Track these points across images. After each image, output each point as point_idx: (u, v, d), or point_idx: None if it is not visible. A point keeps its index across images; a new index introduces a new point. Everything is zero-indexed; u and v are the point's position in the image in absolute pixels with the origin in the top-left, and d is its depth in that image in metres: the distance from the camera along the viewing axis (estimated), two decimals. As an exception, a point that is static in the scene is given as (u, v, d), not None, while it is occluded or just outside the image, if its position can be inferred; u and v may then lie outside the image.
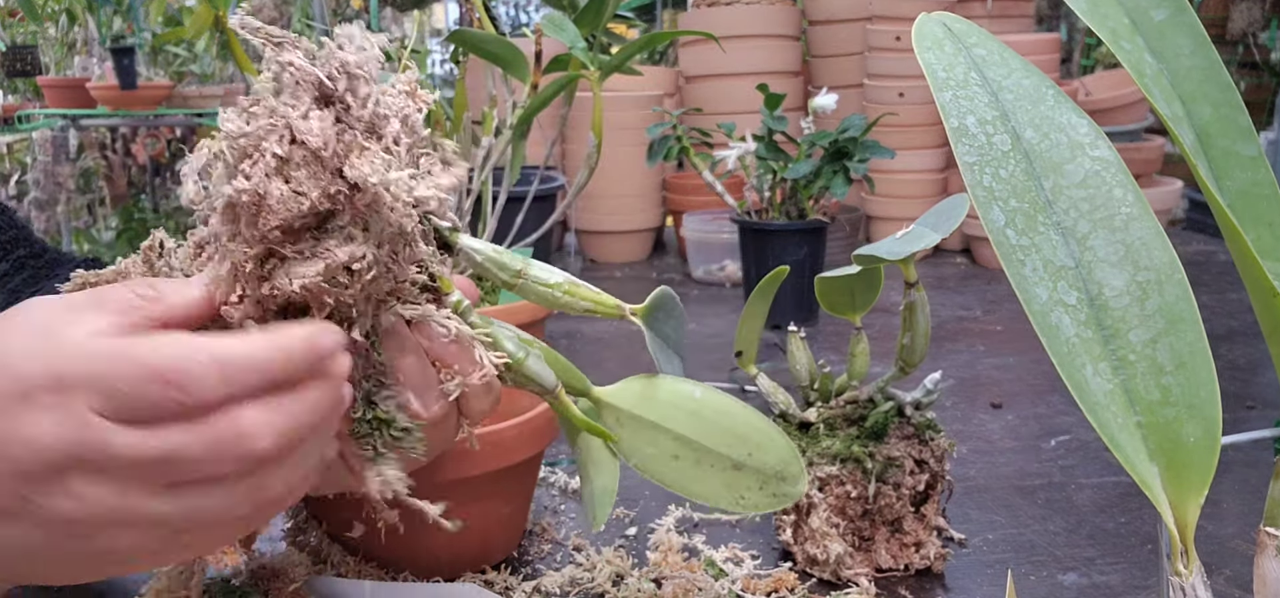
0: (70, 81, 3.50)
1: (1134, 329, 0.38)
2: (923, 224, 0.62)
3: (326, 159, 0.39)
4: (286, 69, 0.39)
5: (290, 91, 0.39)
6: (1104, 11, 0.42)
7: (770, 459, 0.55)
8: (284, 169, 0.38)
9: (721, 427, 0.55)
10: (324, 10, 3.43)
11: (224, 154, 0.40)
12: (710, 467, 0.55)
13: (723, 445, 0.55)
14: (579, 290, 0.53)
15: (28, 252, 0.63)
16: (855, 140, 1.23)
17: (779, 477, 0.55)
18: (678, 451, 0.55)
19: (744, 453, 0.55)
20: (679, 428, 0.55)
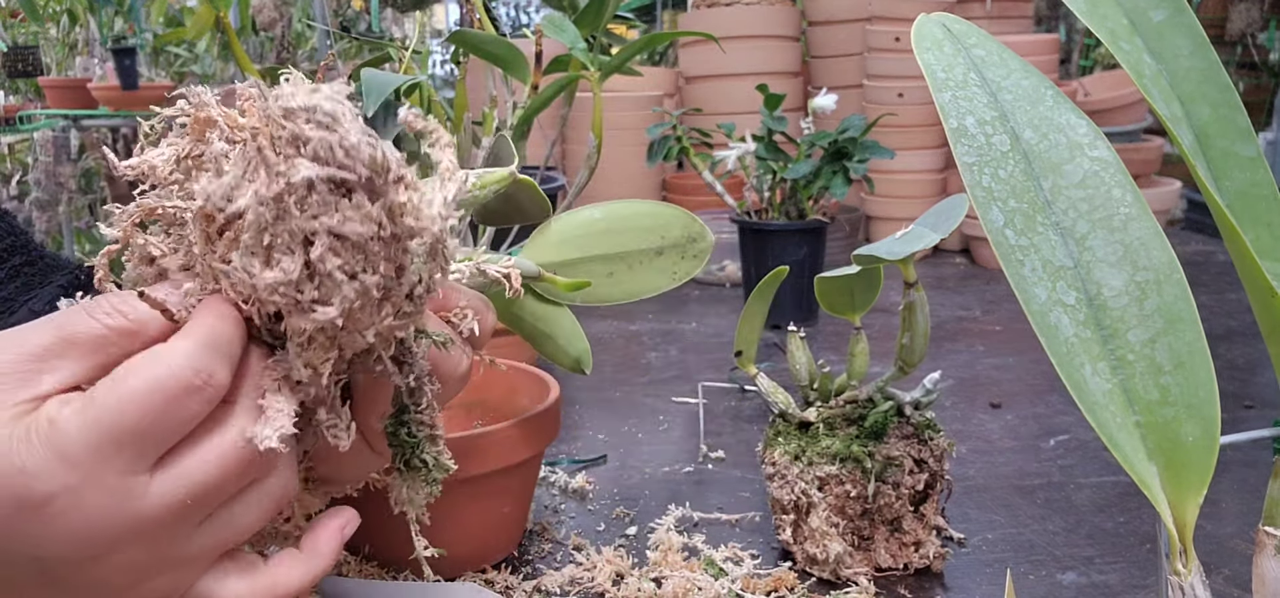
0: (72, 82, 3.50)
1: (1133, 329, 0.38)
2: (922, 224, 0.62)
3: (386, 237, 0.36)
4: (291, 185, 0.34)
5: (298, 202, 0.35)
6: (1103, 12, 0.42)
7: (678, 232, 0.63)
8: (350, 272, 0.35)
9: (631, 228, 0.62)
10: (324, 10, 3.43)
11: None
12: (640, 265, 0.62)
13: (640, 242, 0.62)
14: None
15: (24, 258, 0.63)
16: (855, 141, 1.24)
17: (691, 240, 0.63)
18: (610, 268, 0.61)
19: (658, 239, 0.62)
20: (600, 249, 0.62)
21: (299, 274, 0.34)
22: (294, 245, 0.34)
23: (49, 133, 3.60)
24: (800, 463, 0.66)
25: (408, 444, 0.45)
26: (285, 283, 0.34)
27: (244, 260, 0.35)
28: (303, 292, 0.35)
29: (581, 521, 0.76)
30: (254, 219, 0.34)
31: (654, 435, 0.94)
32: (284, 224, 0.34)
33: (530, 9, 5.84)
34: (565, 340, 0.63)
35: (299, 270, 0.34)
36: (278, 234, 0.34)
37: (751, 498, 0.79)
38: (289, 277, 0.34)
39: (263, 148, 0.34)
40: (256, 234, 0.34)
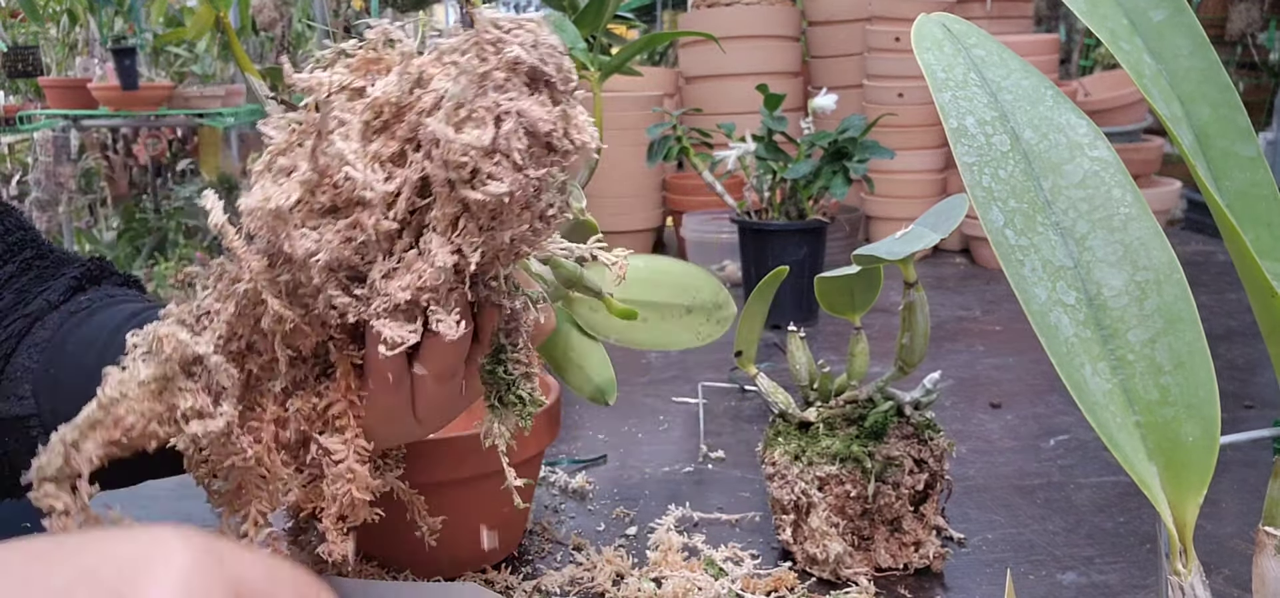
0: (72, 82, 3.50)
1: (1133, 329, 0.38)
2: (922, 224, 0.62)
3: (556, 134, 0.40)
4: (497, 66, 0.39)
5: (496, 85, 0.39)
6: (1103, 12, 0.42)
7: (707, 296, 0.69)
8: (521, 164, 0.39)
9: (667, 283, 0.68)
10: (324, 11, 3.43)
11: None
12: (670, 318, 0.68)
13: (674, 297, 0.68)
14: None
15: (34, 252, 0.64)
16: (855, 141, 1.24)
17: (718, 306, 0.70)
18: (643, 315, 0.65)
19: (690, 298, 0.69)
20: (639, 295, 0.65)
21: (490, 142, 0.38)
22: (486, 121, 0.38)
23: (49, 133, 3.61)
24: (800, 463, 0.66)
25: (504, 381, 0.49)
26: (476, 147, 0.38)
27: (438, 127, 0.39)
28: (481, 166, 0.39)
29: (581, 521, 0.76)
30: (458, 91, 0.39)
31: (654, 435, 0.94)
32: (482, 99, 0.38)
33: (530, 9, 5.85)
34: (593, 371, 0.66)
35: (490, 138, 0.38)
36: (475, 108, 0.38)
37: (751, 498, 0.79)
38: (481, 142, 0.38)
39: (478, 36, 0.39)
40: (455, 107, 0.39)
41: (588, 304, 0.65)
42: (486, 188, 0.39)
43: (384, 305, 0.41)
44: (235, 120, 3.43)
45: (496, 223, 0.41)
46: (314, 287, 0.43)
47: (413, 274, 0.41)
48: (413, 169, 0.40)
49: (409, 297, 0.41)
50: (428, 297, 0.41)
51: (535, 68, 0.39)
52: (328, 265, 0.41)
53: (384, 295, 0.41)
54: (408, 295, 0.41)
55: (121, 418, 0.45)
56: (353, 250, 0.41)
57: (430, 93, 0.40)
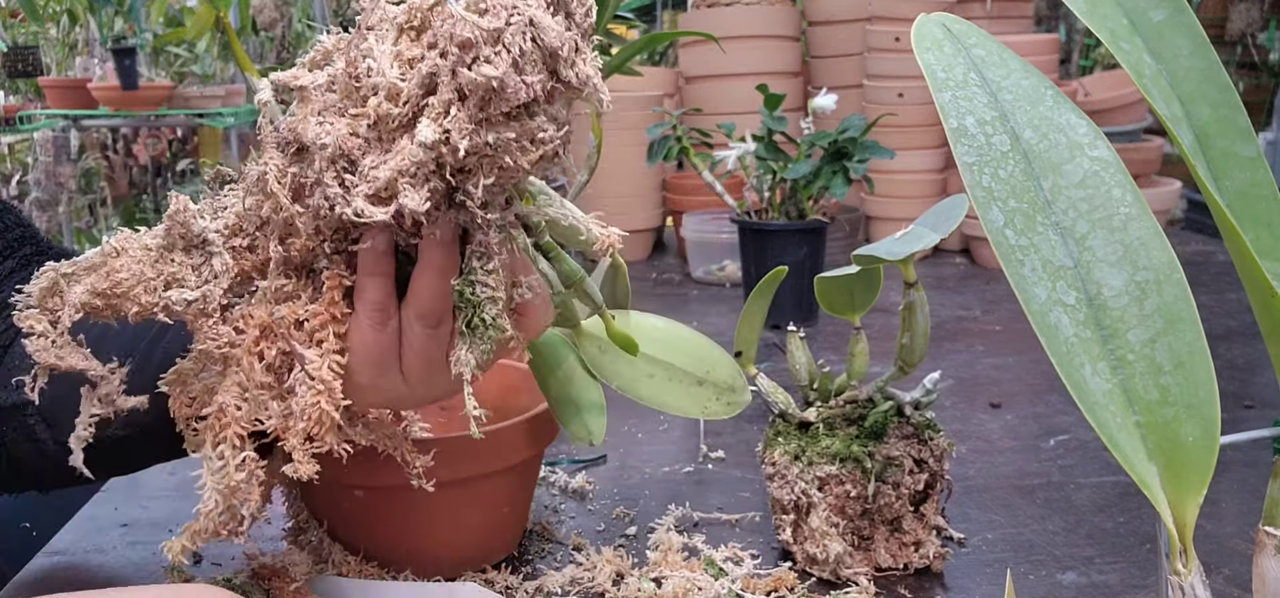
0: (72, 82, 3.50)
1: (1133, 329, 0.38)
2: (922, 224, 0.62)
3: (563, 57, 0.42)
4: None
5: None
6: (1103, 12, 0.42)
7: (723, 376, 0.68)
8: (519, 63, 0.42)
9: (684, 350, 0.67)
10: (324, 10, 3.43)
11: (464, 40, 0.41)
12: (679, 383, 0.67)
13: (687, 365, 0.67)
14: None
15: (33, 249, 0.64)
16: (855, 141, 1.24)
17: (731, 390, 0.69)
18: (651, 370, 0.65)
19: (704, 370, 0.68)
20: (650, 351, 0.65)
21: (494, 28, 0.41)
22: (499, 12, 0.41)
23: (49, 133, 3.61)
24: (800, 463, 0.66)
25: (471, 303, 0.50)
26: (483, 28, 0.41)
27: (454, 6, 0.41)
28: (482, 50, 0.41)
29: (581, 521, 0.76)
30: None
31: (654, 435, 0.94)
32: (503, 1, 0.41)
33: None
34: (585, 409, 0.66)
35: (496, 24, 0.41)
36: (493, 4, 0.41)
37: (751, 498, 0.79)
38: (486, 24, 0.41)
39: None
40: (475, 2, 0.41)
41: (596, 344, 0.65)
42: (482, 69, 0.41)
43: (366, 190, 0.43)
44: (235, 120, 3.43)
45: (485, 115, 0.42)
46: (314, 179, 0.44)
47: (397, 156, 0.43)
48: (426, 64, 0.42)
49: (388, 175, 0.42)
50: (405, 180, 0.43)
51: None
52: (332, 154, 0.43)
53: (369, 179, 0.43)
54: (387, 174, 0.42)
55: (115, 270, 0.47)
56: (359, 143, 0.43)
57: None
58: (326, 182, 0.43)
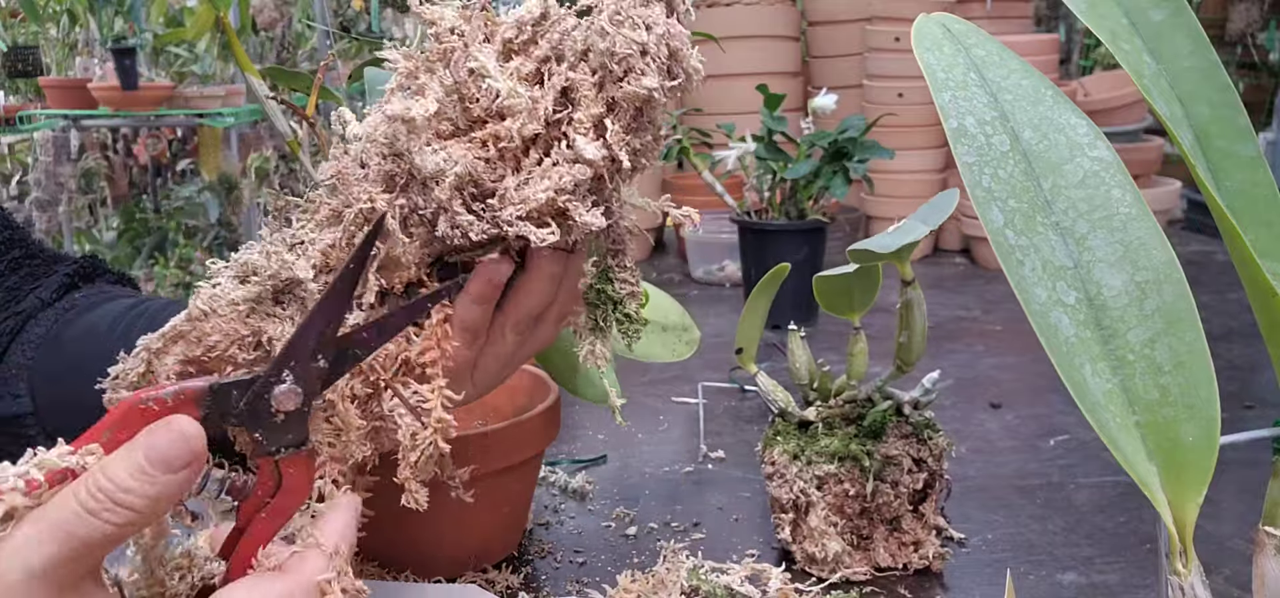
0: (72, 82, 3.50)
1: (1133, 329, 0.38)
2: (914, 218, 0.63)
3: (684, 55, 0.43)
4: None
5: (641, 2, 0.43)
6: (1102, 12, 0.42)
7: (676, 319, 0.79)
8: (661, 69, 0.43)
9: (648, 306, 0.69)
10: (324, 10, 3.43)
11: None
12: (651, 335, 0.74)
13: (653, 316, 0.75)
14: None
15: (23, 251, 0.63)
16: (855, 141, 1.24)
17: (685, 329, 0.79)
18: None
19: (663, 318, 0.78)
20: None
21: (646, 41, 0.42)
22: (640, 26, 0.42)
23: (49, 133, 3.61)
24: (799, 462, 0.66)
25: (611, 300, 0.51)
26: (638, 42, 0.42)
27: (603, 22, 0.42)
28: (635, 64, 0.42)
29: (581, 521, 0.76)
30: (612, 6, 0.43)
31: (654, 435, 0.94)
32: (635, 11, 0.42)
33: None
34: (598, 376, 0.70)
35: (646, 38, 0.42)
36: (630, 16, 0.42)
37: (751, 498, 0.79)
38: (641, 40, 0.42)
39: None
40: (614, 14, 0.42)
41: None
42: (640, 81, 0.42)
43: (518, 212, 0.42)
44: (235, 120, 3.43)
45: (636, 125, 0.43)
46: (434, 208, 0.43)
47: (550, 178, 0.42)
48: (557, 79, 0.43)
49: (548, 197, 0.42)
50: (566, 198, 0.43)
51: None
52: (458, 180, 0.42)
53: (519, 202, 0.42)
54: (547, 195, 0.42)
55: (206, 335, 0.45)
56: (485, 165, 0.43)
57: (570, 15, 0.43)
58: (455, 210, 0.43)
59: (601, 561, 0.70)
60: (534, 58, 0.43)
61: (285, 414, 0.40)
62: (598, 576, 0.68)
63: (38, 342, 0.58)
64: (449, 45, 0.44)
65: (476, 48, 0.43)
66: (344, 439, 0.46)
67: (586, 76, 0.43)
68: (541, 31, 0.44)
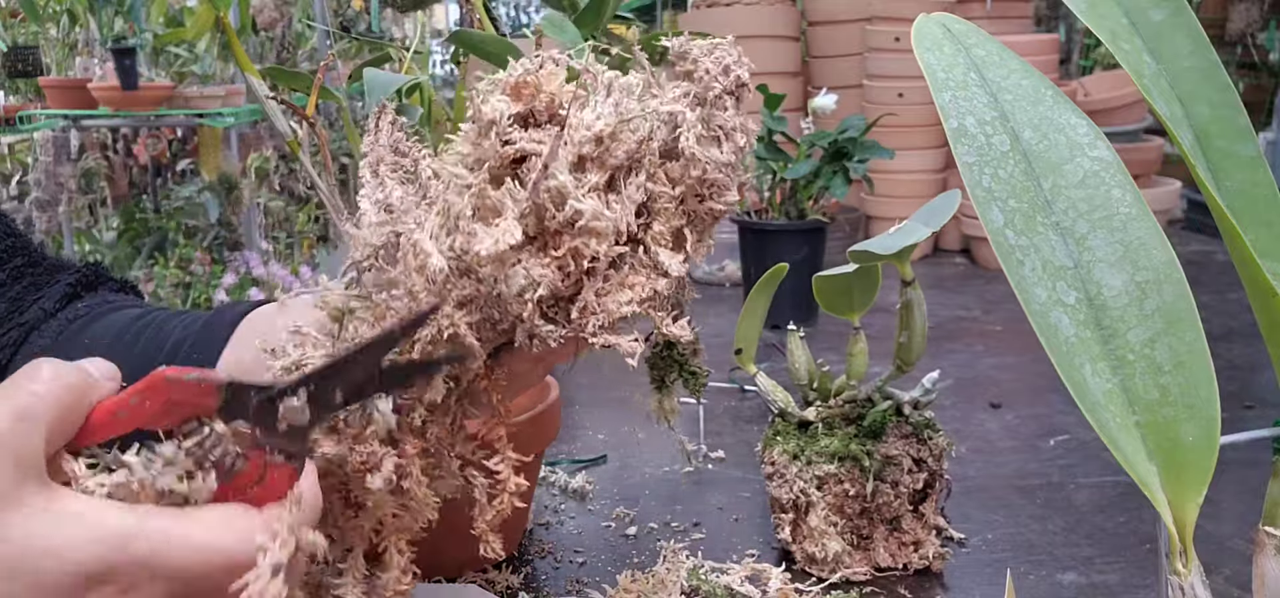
0: (72, 82, 3.50)
1: (1133, 329, 0.38)
2: (914, 219, 0.63)
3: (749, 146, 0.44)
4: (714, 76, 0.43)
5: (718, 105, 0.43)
6: (1102, 12, 0.42)
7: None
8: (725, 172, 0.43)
9: None
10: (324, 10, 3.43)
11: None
12: None
13: None
14: None
15: (25, 260, 0.62)
16: (855, 141, 1.24)
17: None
18: None
19: None
20: None
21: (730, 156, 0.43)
22: (720, 138, 0.43)
23: (49, 133, 3.60)
24: (799, 462, 0.66)
25: (677, 362, 0.53)
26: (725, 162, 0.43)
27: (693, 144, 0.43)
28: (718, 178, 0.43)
29: (581, 521, 0.76)
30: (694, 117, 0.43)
31: (654, 436, 0.94)
32: (717, 118, 0.43)
33: (530, 9, 5.85)
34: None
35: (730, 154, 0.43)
36: (712, 126, 0.43)
37: (751, 498, 0.79)
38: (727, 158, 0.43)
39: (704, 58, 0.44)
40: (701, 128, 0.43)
41: None
42: (724, 197, 0.43)
43: (602, 322, 0.43)
44: (235, 120, 3.43)
45: (709, 230, 0.44)
46: (510, 321, 0.43)
47: (632, 289, 0.43)
48: (635, 192, 0.43)
49: (633, 310, 0.43)
50: (648, 306, 0.43)
51: (742, 82, 0.44)
52: (540, 296, 0.42)
53: (600, 313, 0.43)
54: (631, 309, 0.43)
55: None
56: (562, 276, 0.43)
57: (644, 119, 0.43)
58: (535, 323, 0.43)
59: (601, 561, 0.70)
60: (608, 167, 0.43)
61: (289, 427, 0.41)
62: (598, 576, 0.68)
63: (41, 353, 0.58)
64: (517, 149, 0.43)
65: (556, 163, 0.42)
66: (412, 512, 0.46)
67: (666, 188, 0.43)
68: (615, 138, 0.43)
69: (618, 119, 0.43)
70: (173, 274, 3.11)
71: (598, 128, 0.42)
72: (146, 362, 0.54)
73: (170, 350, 0.56)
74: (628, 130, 0.43)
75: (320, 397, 0.41)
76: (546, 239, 0.43)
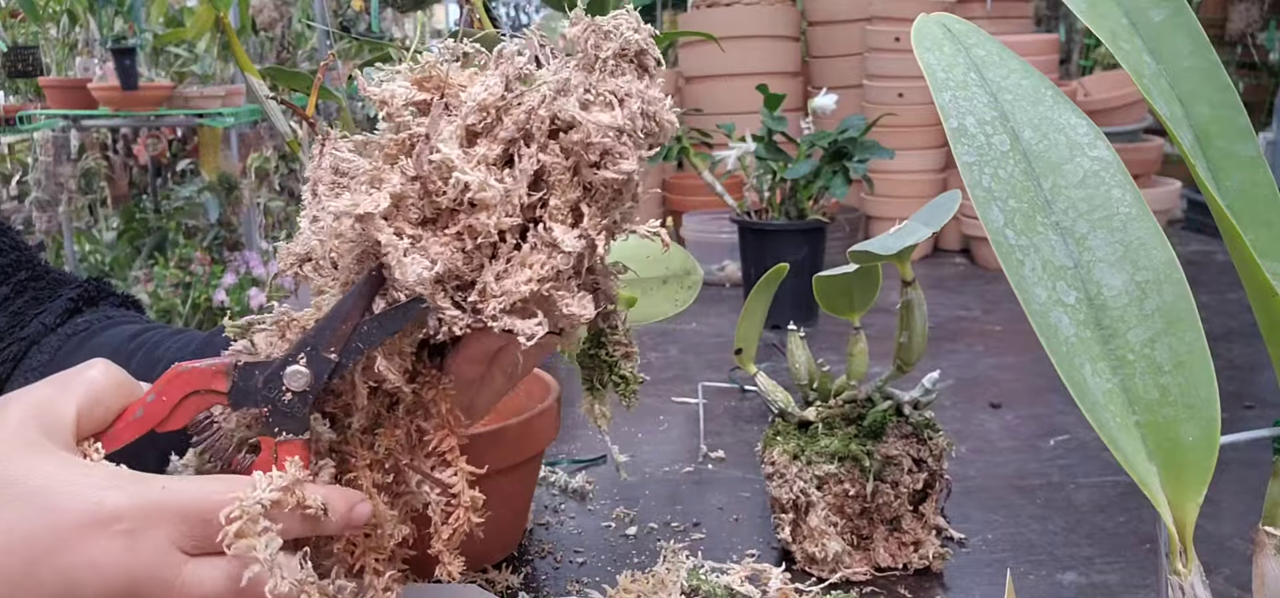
0: (71, 82, 3.50)
1: (1133, 329, 0.38)
2: (915, 220, 0.63)
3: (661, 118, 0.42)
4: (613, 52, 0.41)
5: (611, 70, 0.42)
6: (1102, 12, 0.42)
7: (678, 265, 0.73)
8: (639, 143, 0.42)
9: (642, 258, 0.69)
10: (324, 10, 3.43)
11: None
12: (651, 291, 0.71)
13: (651, 271, 0.72)
14: None
15: (29, 274, 0.63)
16: (855, 141, 1.24)
17: (687, 272, 0.73)
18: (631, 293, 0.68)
19: (663, 269, 0.72)
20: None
21: (621, 121, 0.40)
22: (613, 103, 0.41)
23: (49, 133, 3.60)
24: (799, 462, 0.66)
25: (606, 364, 0.52)
26: (613, 127, 0.40)
27: (572, 109, 0.40)
28: (612, 146, 0.40)
29: (581, 521, 0.76)
30: (579, 80, 0.41)
31: (654, 435, 0.94)
32: (604, 84, 0.41)
33: (530, 9, 5.84)
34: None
35: (622, 118, 0.40)
36: (600, 92, 0.41)
37: (751, 498, 0.79)
38: (616, 122, 0.40)
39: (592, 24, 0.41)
40: (584, 93, 0.41)
41: None
42: (618, 165, 0.40)
43: (503, 305, 0.41)
44: (235, 120, 3.43)
45: (614, 204, 0.42)
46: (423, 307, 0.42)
47: (530, 268, 0.41)
48: (527, 163, 0.41)
49: (531, 289, 0.41)
50: (549, 286, 0.41)
51: (643, 50, 0.41)
52: (438, 279, 0.41)
53: (501, 295, 0.41)
54: (530, 288, 0.41)
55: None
56: (463, 256, 0.41)
57: (533, 90, 0.41)
58: (440, 305, 0.42)
59: (601, 561, 0.70)
60: (500, 139, 0.41)
61: (293, 395, 0.42)
62: (598, 576, 0.68)
63: (40, 370, 0.58)
64: (410, 134, 0.42)
65: (440, 137, 0.41)
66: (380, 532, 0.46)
67: (559, 160, 0.41)
68: (505, 109, 0.41)
69: (503, 89, 0.41)
70: (173, 274, 3.11)
71: (481, 97, 0.41)
72: (142, 379, 0.54)
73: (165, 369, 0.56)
74: (516, 102, 0.41)
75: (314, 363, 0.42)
76: (444, 219, 0.42)
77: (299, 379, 0.42)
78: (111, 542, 0.38)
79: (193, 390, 0.42)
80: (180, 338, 0.59)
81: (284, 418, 0.42)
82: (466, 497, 0.46)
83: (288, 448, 0.42)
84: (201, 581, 0.39)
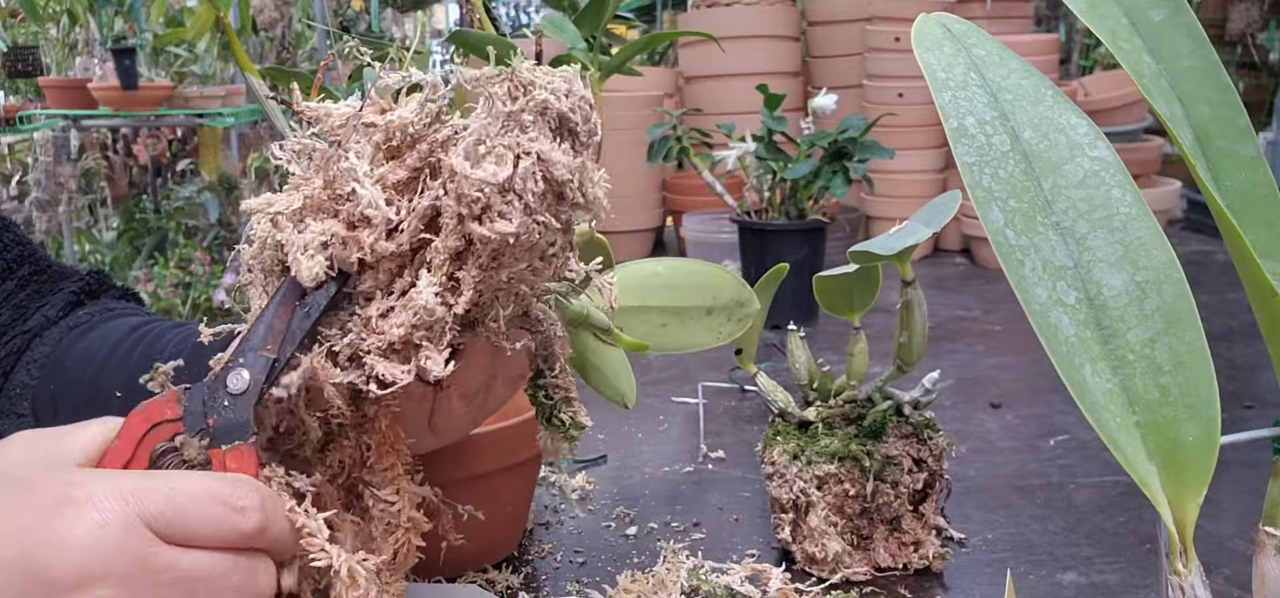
0: (71, 82, 3.50)
1: (1133, 329, 0.38)
2: (915, 220, 0.63)
3: (572, 185, 0.40)
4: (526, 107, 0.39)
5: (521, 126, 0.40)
6: (1102, 12, 0.42)
7: (729, 295, 0.67)
8: (532, 207, 0.39)
9: (688, 285, 0.67)
10: (324, 10, 3.44)
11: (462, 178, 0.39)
12: (691, 320, 0.67)
13: (694, 300, 0.67)
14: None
15: (32, 268, 0.63)
16: (855, 141, 1.24)
17: (740, 304, 0.67)
18: (664, 320, 0.66)
19: (710, 298, 0.67)
20: (657, 301, 0.65)
21: (504, 179, 0.38)
22: (505, 158, 0.38)
23: (49, 133, 3.61)
24: (799, 462, 0.66)
25: (545, 406, 0.52)
26: (491, 183, 0.38)
27: (454, 158, 0.39)
28: (493, 202, 0.38)
29: (582, 521, 0.76)
30: (479, 128, 0.39)
31: (654, 435, 0.94)
32: (504, 137, 0.39)
33: (530, 9, 5.84)
34: (613, 375, 0.65)
35: (505, 176, 0.38)
36: (496, 145, 0.39)
37: (751, 498, 0.79)
38: (495, 178, 0.38)
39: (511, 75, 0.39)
40: (475, 141, 0.39)
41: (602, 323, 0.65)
42: (494, 225, 0.39)
43: (378, 344, 0.41)
44: (235, 120, 3.43)
45: (496, 263, 0.40)
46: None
47: (408, 313, 0.40)
48: (425, 196, 0.40)
49: (402, 334, 0.40)
50: (421, 334, 0.40)
51: (564, 115, 0.39)
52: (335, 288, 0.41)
53: (379, 333, 0.41)
54: (401, 333, 0.40)
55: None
56: (371, 277, 0.41)
57: (449, 126, 0.40)
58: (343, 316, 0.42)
59: (601, 561, 0.70)
60: (407, 166, 0.40)
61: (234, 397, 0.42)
62: (598, 576, 0.68)
63: (41, 362, 0.58)
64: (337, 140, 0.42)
65: (354, 146, 0.40)
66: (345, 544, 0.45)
67: (453, 203, 0.39)
68: (419, 137, 0.40)
69: (419, 118, 0.40)
70: (173, 274, 3.11)
71: (398, 118, 0.40)
72: (141, 371, 0.55)
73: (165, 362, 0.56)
74: (433, 132, 0.40)
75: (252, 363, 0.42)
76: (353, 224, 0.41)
77: (239, 380, 0.42)
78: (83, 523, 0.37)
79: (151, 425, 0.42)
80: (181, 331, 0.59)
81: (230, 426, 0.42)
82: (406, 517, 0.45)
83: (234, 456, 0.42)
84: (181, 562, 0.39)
